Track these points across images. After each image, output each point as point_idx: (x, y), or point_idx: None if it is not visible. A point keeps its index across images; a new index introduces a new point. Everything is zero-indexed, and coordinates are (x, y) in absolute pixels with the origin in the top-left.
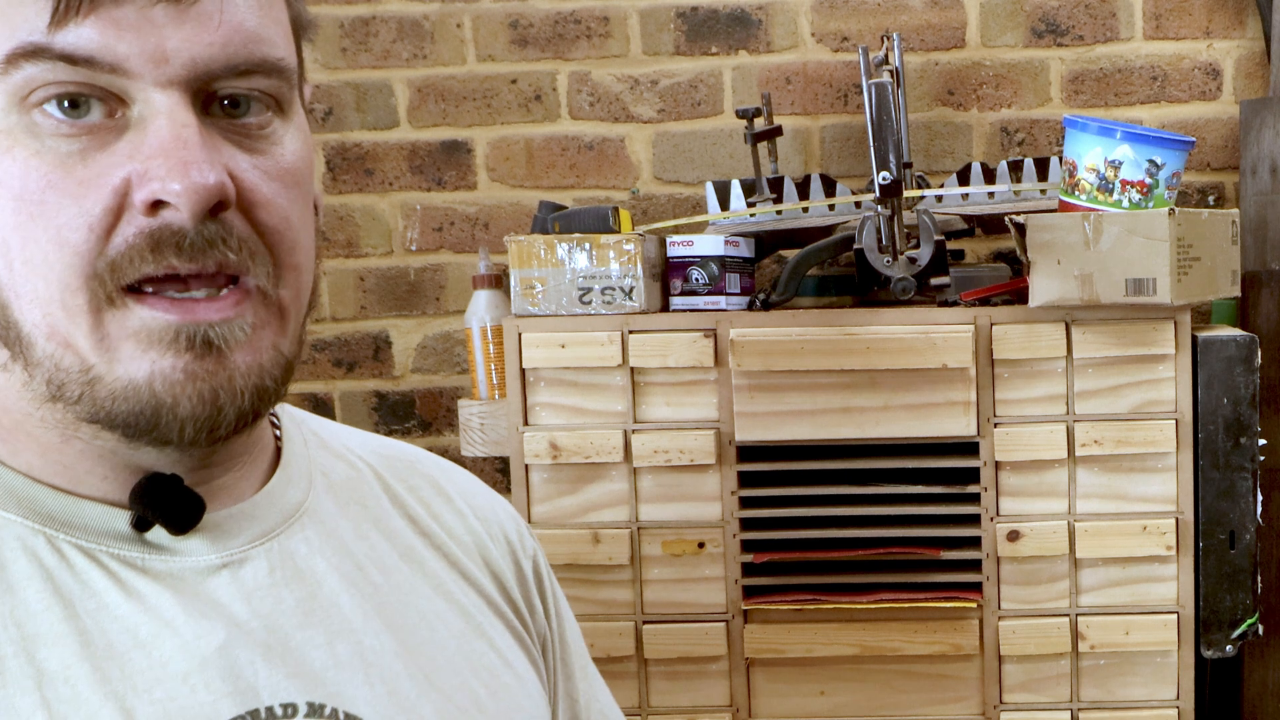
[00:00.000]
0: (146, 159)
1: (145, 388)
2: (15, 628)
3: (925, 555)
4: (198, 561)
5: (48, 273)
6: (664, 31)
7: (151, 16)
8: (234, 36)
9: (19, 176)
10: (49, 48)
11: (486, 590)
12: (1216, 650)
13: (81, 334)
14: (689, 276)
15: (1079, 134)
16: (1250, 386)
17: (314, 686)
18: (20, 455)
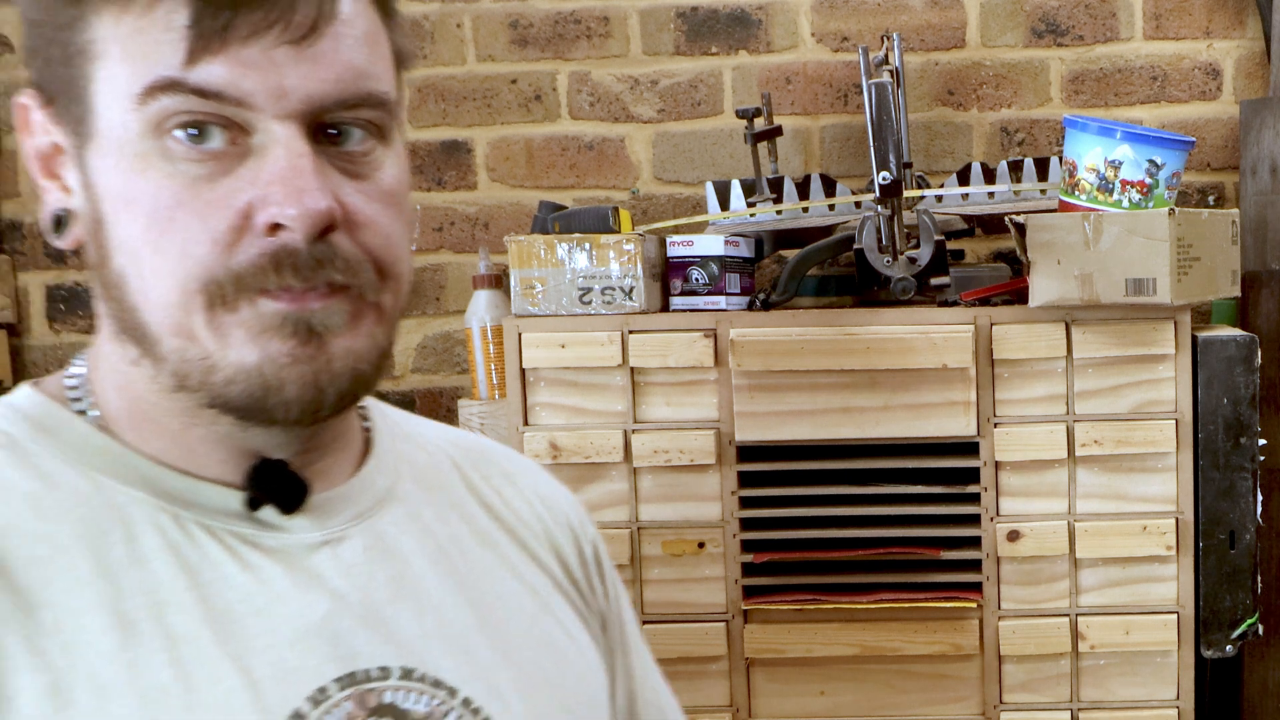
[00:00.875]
0: (266, 185)
1: (255, 371)
2: (146, 595)
3: (925, 555)
4: (302, 539)
5: (172, 280)
6: (664, 31)
7: (274, 56)
8: (345, 73)
9: (152, 195)
10: (183, 82)
11: (553, 571)
12: (1216, 650)
13: (200, 326)
14: (689, 276)
15: (1079, 134)
16: (1250, 386)
17: (405, 653)
18: (148, 442)
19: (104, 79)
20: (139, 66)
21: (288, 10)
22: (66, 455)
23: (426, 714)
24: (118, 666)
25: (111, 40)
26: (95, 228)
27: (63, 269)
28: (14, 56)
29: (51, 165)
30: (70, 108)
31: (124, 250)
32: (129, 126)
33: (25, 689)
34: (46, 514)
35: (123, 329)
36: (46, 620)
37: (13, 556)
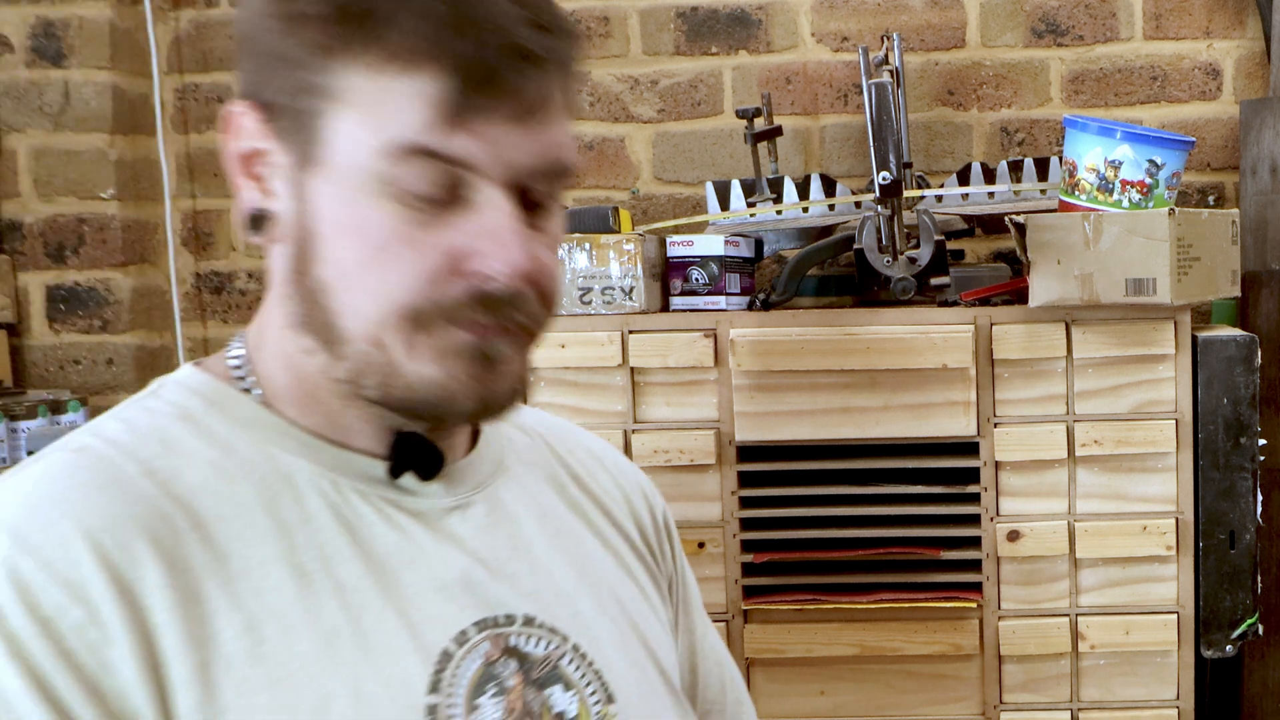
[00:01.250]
0: (478, 238)
1: (437, 385)
2: (316, 549)
3: (925, 555)
4: (436, 503)
5: (380, 301)
6: (664, 31)
7: (506, 133)
8: (550, 148)
9: (377, 225)
10: (428, 148)
11: (631, 536)
12: (1216, 650)
13: (396, 345)
14: (689, 276)
15: (1079, 134)
16: (1250, 386)
17: (527, 603)
18: (309, 417)
19: (345, 120)
20: (387, 123)
21: (520, 95)
22: (236, 427)
23: (544, 656)
24: (299, 610)
25: (361, 91)
26: (303, 238)
27: (63, 269)
28: (14, 56)
29: (252, 168)
30: (296, 132)
31: (335, 266)
32: (364, 169)
33: (226, 627)
34: (229, 477)
35: (307, 325)
36: (237, 568)
37: (207, 514)
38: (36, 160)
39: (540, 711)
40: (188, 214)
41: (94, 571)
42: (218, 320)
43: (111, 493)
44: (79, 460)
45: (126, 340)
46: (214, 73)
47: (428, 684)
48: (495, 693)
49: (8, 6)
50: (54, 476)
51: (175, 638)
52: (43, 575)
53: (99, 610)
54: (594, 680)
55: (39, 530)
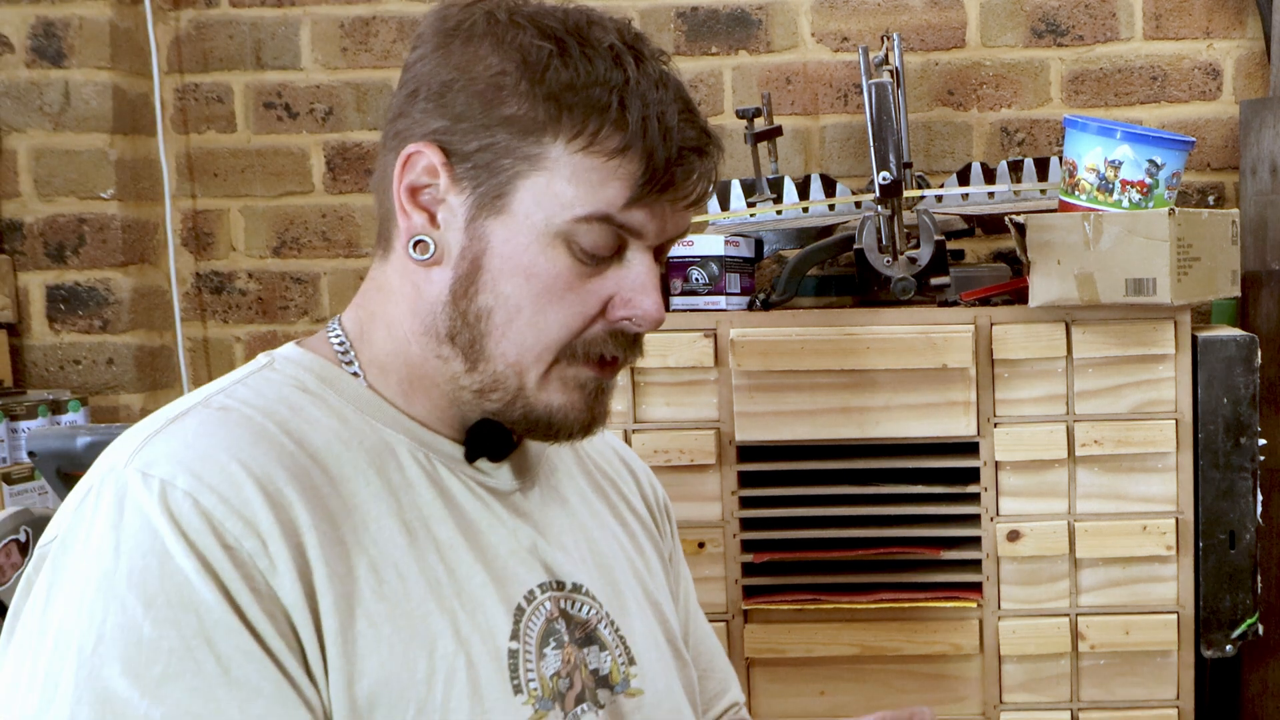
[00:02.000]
0: (629, 289)
1: (558, 411)
2: (417, 510)
3: (925, 555)
4: (505, 483)
5: (541, 335)
6: (664, 31)
7: (670, 212)
8: (688, 222)
9: (551, 272)
10: (616, 220)
11: (642, 516)
12: (1216, 650)
13: (533, 373)
14: (689, 276)
15: (1079, 134)
16: (1250, 386)
17: (577, 572)
18: (412, 404)
19: (540, 184)
20: (585, 193)
21: (692, 187)
22: (346, 402)
23: (586, 620)
24: (409, 559)
25: (563, 163)
26: (472, 269)
27: (63, 269)
28: (14, 56)
29: (419, 198)
30: (485, 181)
31: (500, 298)
32: (550, 224)
33: (357, 566)
34: (346, 443)
35: (453, 339)
36: (360, 519)
37: (335, 471)
38: (37, 160)
39: (581, 666)
40: (188, 214)
41: (263, 509)
42: (218, 320)
43: (264, 445)
44: (227, 417)
45: (127, 340)
46: (214, 73)
47: (509, 631)
48: (555, 645)
49: (8, 6)
50: (212, 428)
51: (323, 571)
52: (223, 509)
53: (268, 543)
54: (620, 644)
55: (214, 471)
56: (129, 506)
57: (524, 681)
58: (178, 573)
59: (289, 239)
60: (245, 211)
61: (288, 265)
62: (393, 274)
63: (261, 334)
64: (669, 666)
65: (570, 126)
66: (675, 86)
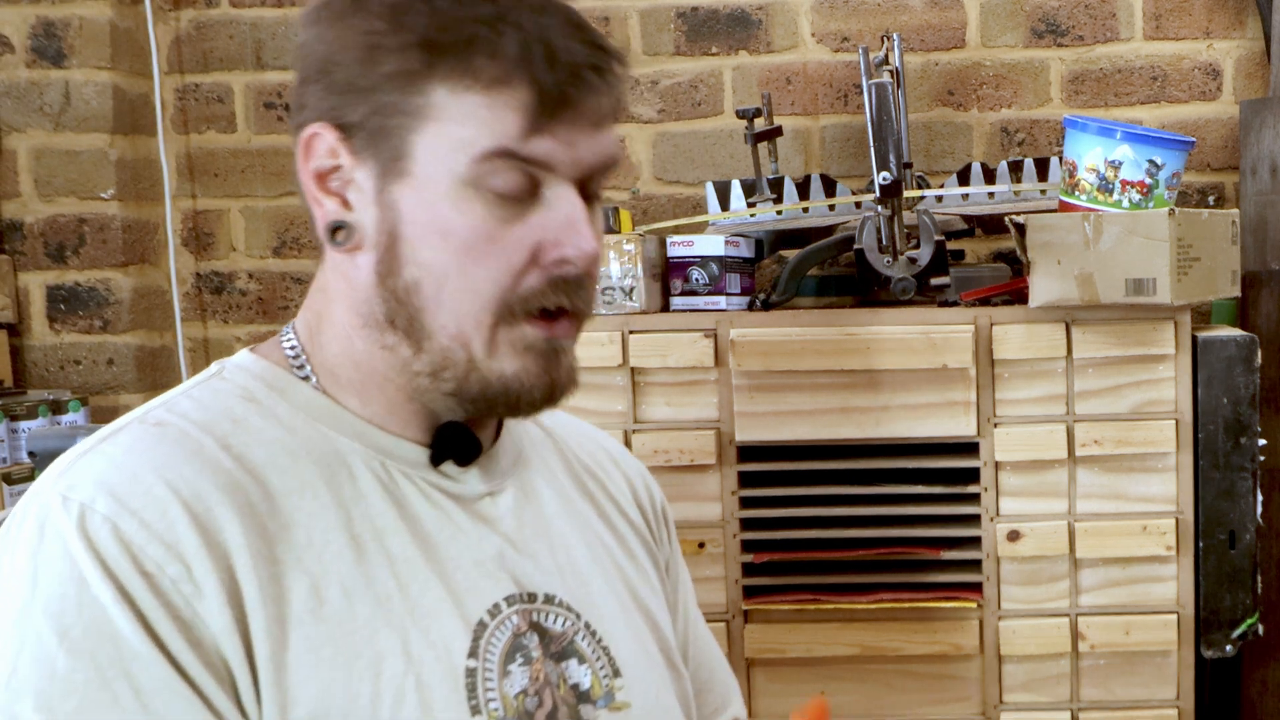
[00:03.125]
0: (556, 230)
1: (513, 379)
2: (370, 522)
3: (925, 555)
4: (472, 488)
5: (474, 297)
6: (664, 31)
7: (579, 135)
8: (609, 146)
9: (467, 229)
10: (517, 152)
11: (634, 521)
12: (1216, 650)
13: (478, 339)
14: (689, 276)
15: (1079, 134)
16: (1250, 386)
17: (548, 582)
18: (366, 406)
19: (434, 134)
20: (481, 133)
21: (594, 106)
22: (296, 410)
23: (562, 633)
24: (356, 575)
25: (451, 107)
26: (390, 243)
27: (63, 269)
28: (14, 56)
29: (327, 184)
30: (380, 146)
31: (424, 267)
32: (453, 175)
33: (294, 587)
34: (292, 455)
35: (391, 322)
36: (302, 537)
37: (276, 487)
38: (37, 160)
39: (558, 682)
40: (188, 214)
41: (188, 531)
42: (218, 320)
43: (196, 463)
44: (163, 433)
45: (127, 340)
46: (214, 73)
47: (467, 649)
48: (523, 662)
49: (8, 6)
50: (144, 446)
51: (255, 594)
52: (144, 534)
53: (193, 567)
54: (602, 655)
55: (138, 494)
56: (49, 533)
57: (483, 701)
58: (94, 602)
59: (289, 239)
60: (245, 212)
61: (288, 265)
62: (329, 271)
63: (262, 334)
64: (661, 677)
65: (447, 67)
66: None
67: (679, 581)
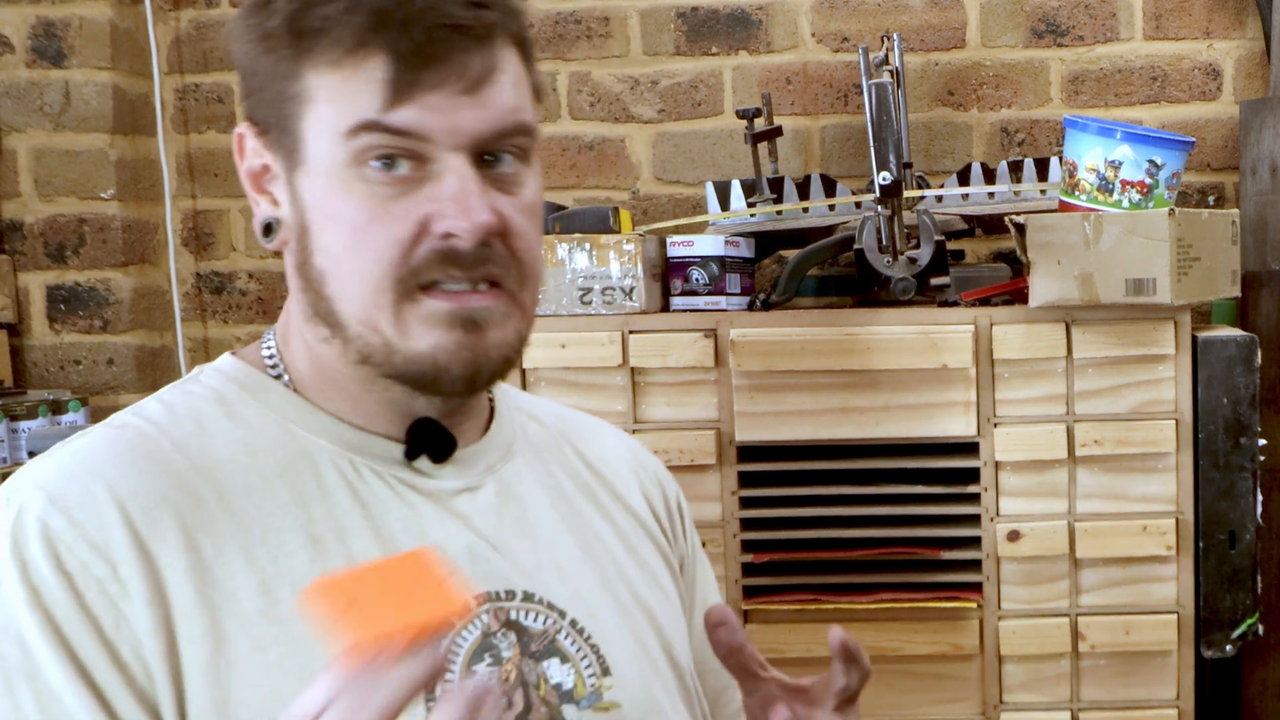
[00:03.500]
0: (442, 203)
1: (429, 356)
2: (332, 521)
3: (925, 555)
4: (448, 485)
5: (367, 278)
6: (664, 31)
7: (451, 102)
8: (501, 111)
9: (352, 210)
10: (381, 123)
11: (643, 519)
12: (1216, 650)
13: (385, 320)
14: (689, 276)
15: (1079, 134)
16: (1250, 386)
17: (527, 580)
18: (331, 401)
19: (314, 118)
20: (346, 109)
21: (462, 67)
22: (267, 410)
23: (542, 631)
24: (312, 575)
25: (322, 88)
26: (300, 234)
27: (63, 269)
28: (14, 56)
29: (261, 183)
30: (282, 139)
31: (326, 254)
32: (335, 156)
33: (243, 588)
34: (255, 454)
35: (317, 314)
36: (256, 536)
37: (232, 487)
38: (37, 160)
39: (537, 682)
40: (188, 214)
41: (119, 533)
42: (218, 320)
43: (143, 465)
44: (120, 435)
45: (127, 340)
46: (214, 73)
47: None
48: (491, 662)
49: (8, 6)
50: (93, 448)
51: (188, 596)
52: (71, 533)
53: (119, 568)
54: (590, 654)
55: (74, 493)
56: None
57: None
58: (9, 603)
59: None
60: (245, 212)
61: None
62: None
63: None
64: (662, 677)
65: (312, 49)
66: None
67: (696, 580)
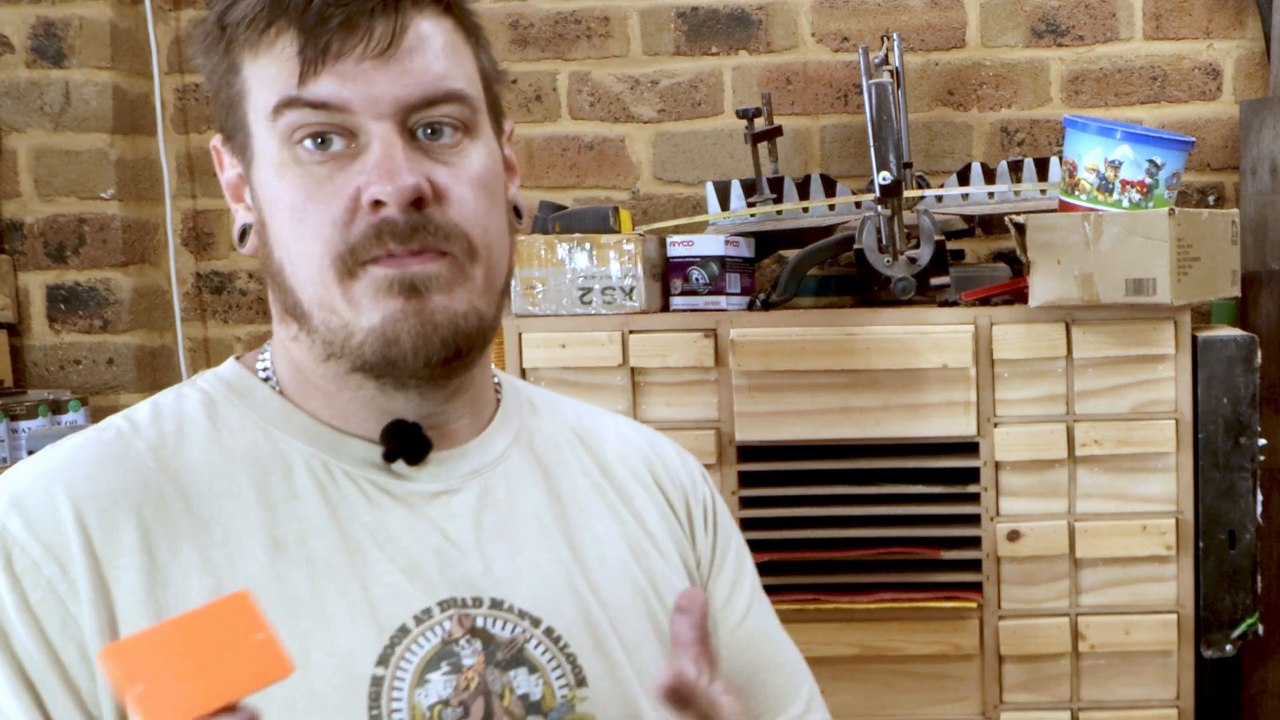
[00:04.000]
0: (369, 172)
1: (379, 330)
2: (296, 523)
3: (925, 555)
4: (423, 488)
5: (311, 259)
6: (664, 31)
7: (364, 69)
8: (425, 78)
9: (290, 194)
10: (299, 98)
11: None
12: (1216, 650)
13: (337, 298)
14: (689, 276)
15: (1079, 134)
16: (1250, 386)
17: (496, 587)
18: (307, 401)
19: (253, 109)
20: (269, 91)
21: (368, 31)
22: (249, 412)
23: (510, 639)
24: (268, 578)
25: (251, 77)
26: (260, 230)
27: (63, 269)
28: (15, 56)
29: (238, 192)
30: (239, 139)
31: (279, 243)
32: (270, 142)
33: (195, 588)
34: (229, 456)
35: (285, 310)
36: (216, 537)
37: (197, 488)
38: (37, 160)
39: (502, 691)
40: (188, 214)
41: (73, 533)
42: (218, 320)
43: (108, 466)
44: (99, 437)
45: (127, 340)
46: None
47: (376, 656)
48: (449, 670)
49: (8, 6)
50: (68, 451)
51: (137, 596)
52: (26, 534)
53: (68, 567)
54: (564, 664)
55: (36, 495)
56: None
57: (386, 711)
58: None
59: None
60: None
61: None
62: None
63: (262, 334)
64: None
65: (236, 39)
66: None
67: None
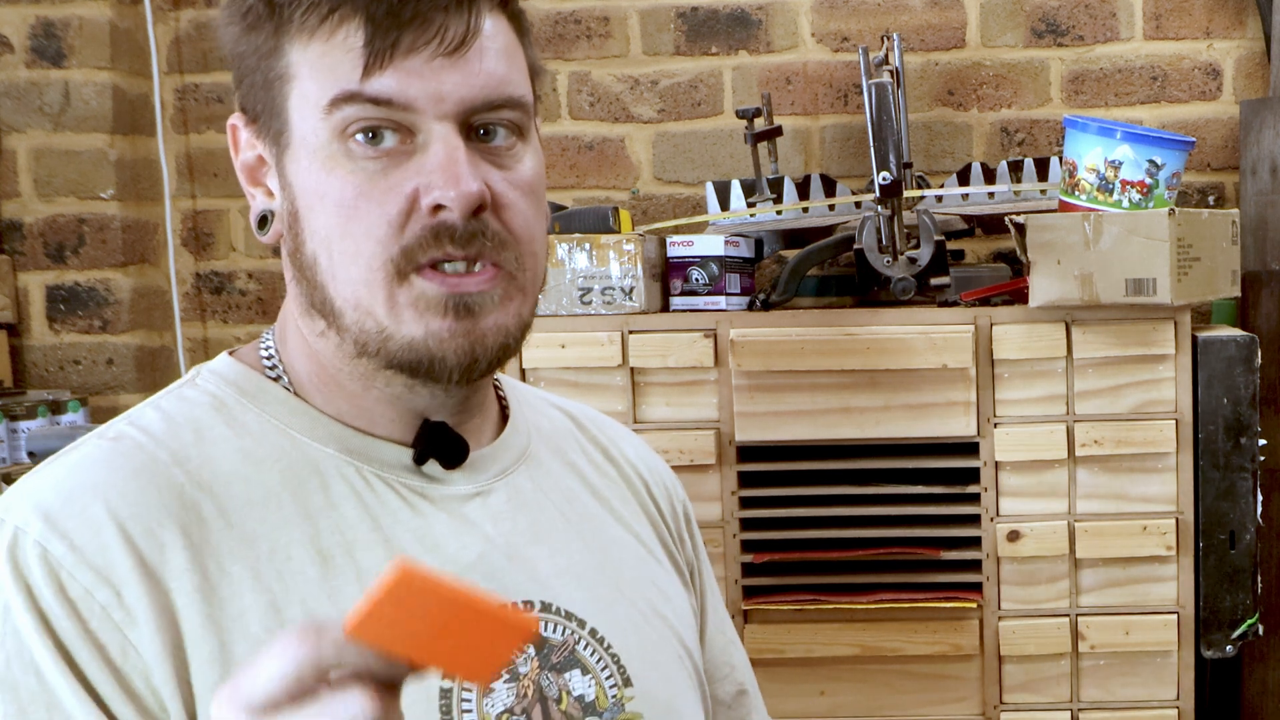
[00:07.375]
0: (429, 174)
1: (422, 344)
2: (339, 534)
3: (925, 555)
4: (458, 490)
5: (358, 259)
6: (664, 31)
7: (433, 67)
8: (490, 80)
9: (339, 189)
10: (361, 93)
11: (655, 522)
12: (1216, 650)
13: (379, 304)
14: (689, 276)
15: (1079, 134)
16: (1250, 386)
17: (543, 589)
18: (332, 403)
19: (297, 96)
20: (325, 82)
21: (442, 29)
22: (265, 414)
23: (562, 642)
24: (321, 593)
25: (302, 63)
26: (292, 221)
27: (62, 269)
28: (14, 56)
29: (256, 175)
30: (271, 124)
31: (317, 238)
32: (319, 133)
33: (251, 608)
34: (258, 465)
35: (312, 304)
36: (263, 551)
37: (235, 501)
38: (36, 160)
39: (559, 695)
40: (188, 214)
41: (121, 556)
42: (218, 320)
43: (142, 481)
44: (115, 448)
45: (126, 340)
46: (214, 73)
47: None
48: (508, 678)
49: (8, 6)
50: (90, 464)
51: (197, 619)
52: (72, 558)
53: (124, 593)
54: (610, 664)
55: (72, 515)
56: None
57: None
58: (16, 633)
59: None
60: (245, 211)
61: None
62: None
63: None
64: (682, 686)
65: (289, 21)
66: None
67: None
